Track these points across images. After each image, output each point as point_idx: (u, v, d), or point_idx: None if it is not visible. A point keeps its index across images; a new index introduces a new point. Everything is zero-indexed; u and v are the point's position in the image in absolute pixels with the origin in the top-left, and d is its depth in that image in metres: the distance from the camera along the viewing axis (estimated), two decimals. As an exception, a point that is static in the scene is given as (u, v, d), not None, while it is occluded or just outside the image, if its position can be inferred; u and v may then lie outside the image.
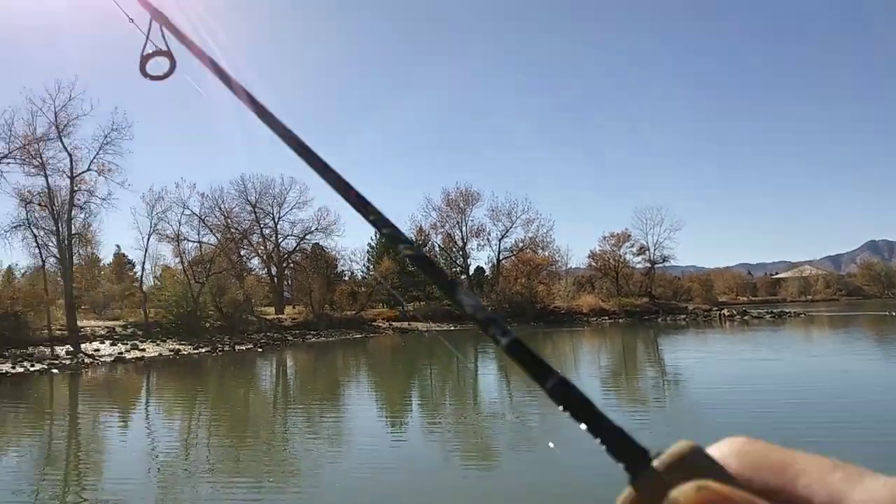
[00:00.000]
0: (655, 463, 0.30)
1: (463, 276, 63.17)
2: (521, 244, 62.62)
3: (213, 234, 49.78)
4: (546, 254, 62.83)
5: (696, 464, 0.30)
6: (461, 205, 61.79)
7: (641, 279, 65.12)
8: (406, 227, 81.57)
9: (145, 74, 0.94)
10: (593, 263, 66.81)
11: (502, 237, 62.60)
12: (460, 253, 62.68)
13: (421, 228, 63.41)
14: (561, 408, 0.33)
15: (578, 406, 0.32)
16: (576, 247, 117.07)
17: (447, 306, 58.73)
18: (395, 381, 23.39)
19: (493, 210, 62.58)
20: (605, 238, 65.99)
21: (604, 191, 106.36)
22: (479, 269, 66.80)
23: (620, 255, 65.11)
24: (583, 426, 0.32)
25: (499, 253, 62.49)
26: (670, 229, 67.29)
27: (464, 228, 62.06)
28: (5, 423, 16.25)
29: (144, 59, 0.92)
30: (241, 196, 54.96)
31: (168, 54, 0.92)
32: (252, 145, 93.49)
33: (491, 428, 14.08)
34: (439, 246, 63.77)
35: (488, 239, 62.76)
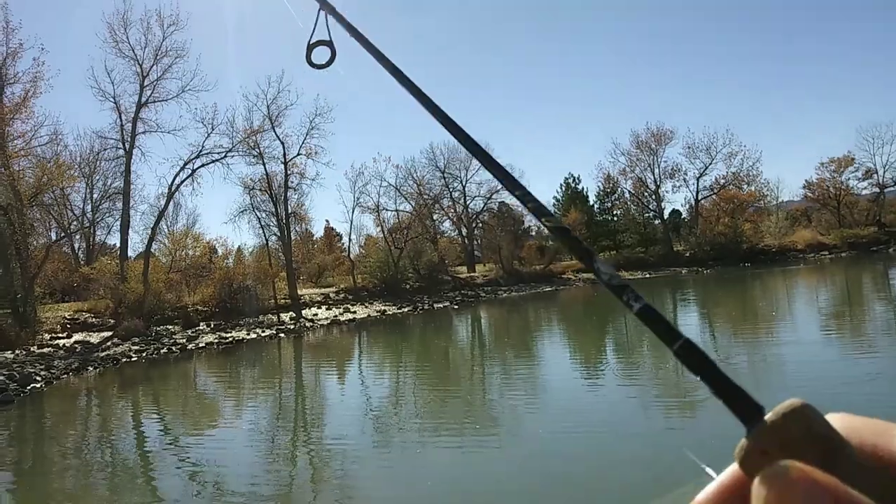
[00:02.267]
0: (768, 416, 0.32)
1: (657, 221, 60.11)
2: (722, 181, 57.87)
3: (408, 202, 52.43)
4: (752, 189, 57.43)
5: (807, 417, 0.31)
6: (653, 146, 58.41)
7: (868, 207, 57.17)
8: (592, 175, 79.00)
9: (310, 63, 1.01)
10: (809, 194, 59.91)
11: (700, 175, 58.33)
12: (653, 197, 59.54)
13: (609, 175, 61.22)
14: (686, 367, 0.35)
15: (702, 365, 0.35)
16: (788, 178, 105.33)
17: (641, 253, 56.56)
18: (589, 330, 23.10)
19: (689, 147, 58.48)
20: (823, 164, 58.59)
21: (818, 111, 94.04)
22: (675, 212, 63.09)
23: (842, 182, 57.56)
24: (704, 384, 0.34)
25: (697, 193, 58.38)
26: (904, 146, 57.86)
27: (656, 171, 58.73)
28: (245, 381, 18.74)
29: (310, 49, 0.99)
30: (431, 163, 57.09)
31: (330, 44, 0.97)
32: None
33: (689, 379, 13.31)
34: (630, 192, 61.09)
35: (685, 179, 58.77)
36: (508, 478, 7.67)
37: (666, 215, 60.36)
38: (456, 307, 36.31)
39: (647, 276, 48.01)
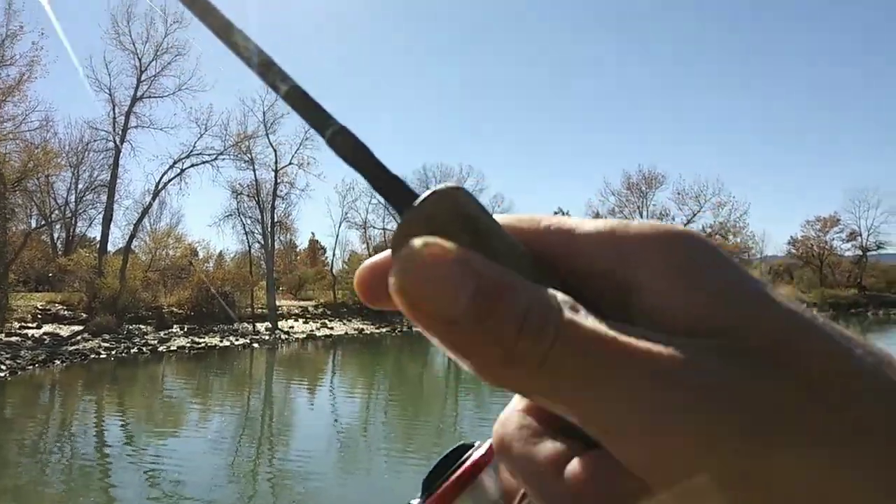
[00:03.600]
0: (418, 200, 0.29)
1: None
2: (709, 230, 58.57)
3: (396, 221, 52.45)
4: (738, 240, 58.12)
5: (455, 198, 0.28)
6: (643, 188, 59.02)
7: (850, 268, 58.05)
8: (581, 212, 79.85)
9: None
10: (793, 251, 60.70)
11: (688, 222, 58.91)
12: (638, 240, 60.28)
13: (597, 214, 61.76)
14: (340, 157, 0.30)
15: (356, 153, 0.30)
16: (774, 232, 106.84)
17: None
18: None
19: (678, 193, 59.02)
20: (809, 223, 59.44)
21: (808, 170, 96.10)
22: (660, 257, 63.87)
23: (826, 242, 58.46)
24: (360, 175, 0.30)
25: (683, 240, 59.13)
26: (888, 212, 58.93)
27: (645, 213, 59.31)
28: (213, 389, 18.42)
29: None
30: (423, 184, 57.22)
31: None
32: (429, 141, 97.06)
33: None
34: (617, 233, 61.79)
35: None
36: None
37: (650, 259, 60.99)
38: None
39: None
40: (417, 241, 0.25)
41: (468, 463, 0.41)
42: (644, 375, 0.23)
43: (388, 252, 0.30)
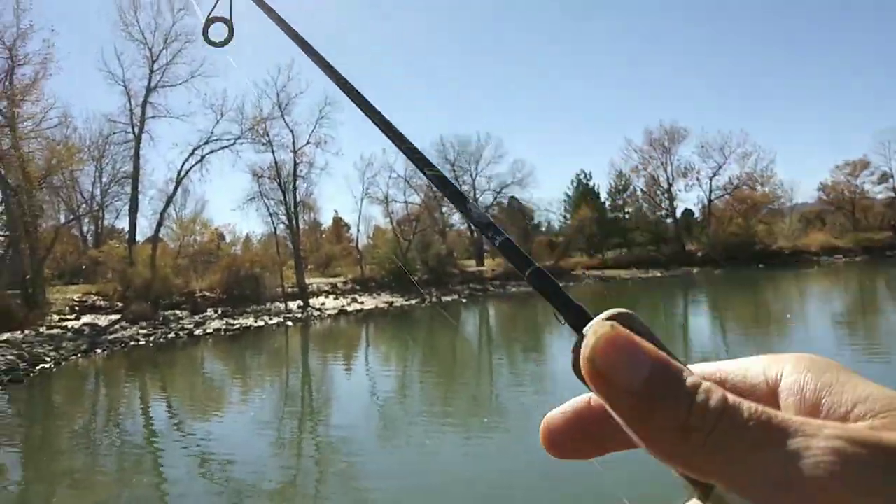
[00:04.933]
0: (595, 318, 0.35)
1: (669, 220, 59.77)
2: (735, 181, 57.36)
3: (418, 194, 52.33)
4: (766, 190, 56.91)
5: (632, 319, 0.34)
6: (666, 144, 57.88)
7: (883, 211, 56.58)
8: (604, 172, 78.81)
9: (207, 39, 0.95)
10: (824, 196, 59.34)
11: (714, 175, 57.76)
12: (665, 195, 59.13)
13: (621, 173, 60.85)
14: (535, 289, 0.40)
15: (547, 286, 0.40)
16: (802, 179, 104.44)
17: (652, 252, 56.24)
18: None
19: (702, 146, 57.72)
20: (838, 167, 57.92)
21: (836, 114, 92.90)
22: (688, 212, 62.63)
23: (857, 186, 56.98)
24: (549, 302, 0.38)
25: (710, 192, 57.83)
26: (920, 152, 57.08)
27: (669, 169, 58.26)
28: (251, 368, 18.71)
29: (208, 23, 0.93)
30: (441, 155, 56.90)
31: (229, 22, 0.94)
32: (448, 107, 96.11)
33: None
34: (642, 190, 60.64)
35: (697, 178, 58.14)
36: (515, 469, 7.57)
37: (678, 214, 59.98)
38: (464, 300, 36.23)
39: (658, 274, 47.78)
40: (608, 322, 0.32)
41: None
42: (810, 443, 0.27)
43: (572, 402, 0.38)
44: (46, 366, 17.37)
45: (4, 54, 28.77)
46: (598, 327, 0.32)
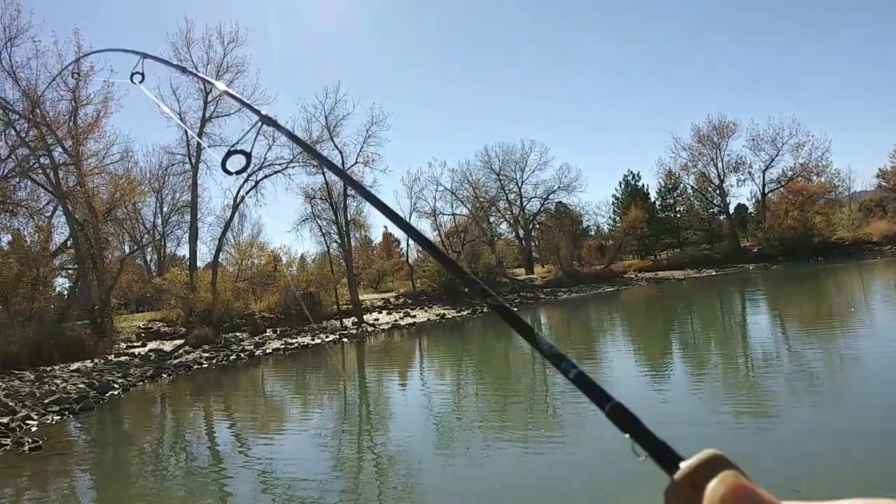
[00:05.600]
0: (683, 464, 0.35)
1: (722, 217, 58.26)
2: (790, 173, 55.57)
3: (465, 206, 52.59)
4: (822, 180, 54.94)
5: (720, 465, 0.34)
6: (715, 139, 56.57)
7: (951, 195, 53.93)
8: (652, 172, 77.37)
9: (224, 168, 1.03)
10: (884, 183, 56.95)
11: (766, 168, 56.15)
12: (717, 192, 57.70)
13: (670, 171, 59.69)
14: (616, 426, 0.40)
15: (630, 424, 0.39)
16: (860, 167, 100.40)
17: (706, 250, 54.88)
18: (653, 331, 22.54)
19: (753, 139, 56.21)
20: (896, 152, 55.60)
21: (893, 96, 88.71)
22: (741, 207, 60.95)
23: (920, 170, 54.46)
24: (632, 440, 0.39)
25: (763, 186, 56.22)
26: None
27: (720, 164, 56.86)
28: (311, 385, 19.10)
29: (228, 155, 1.02)
30: (486, 166, 57.11)
31: (248, 155, 1.04)
32: (491, 116, 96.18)
33: (763, 377, 12.84)
34: (692, 187, 59.37)
35: (750, 172, 56.63)
36: (575, 480, 7.53)
37: (731, 210, 58.42)
38: (515, 309, 35.90)
39: (713, 273, 46.60)
40: (732, 472, 0.33)
41: None
42: None
43: None
44: (115, 392, 18.14)
45: (68, 96, 30.36)
46: (726, 477, 0.32)
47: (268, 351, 25.95)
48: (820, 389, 10.96)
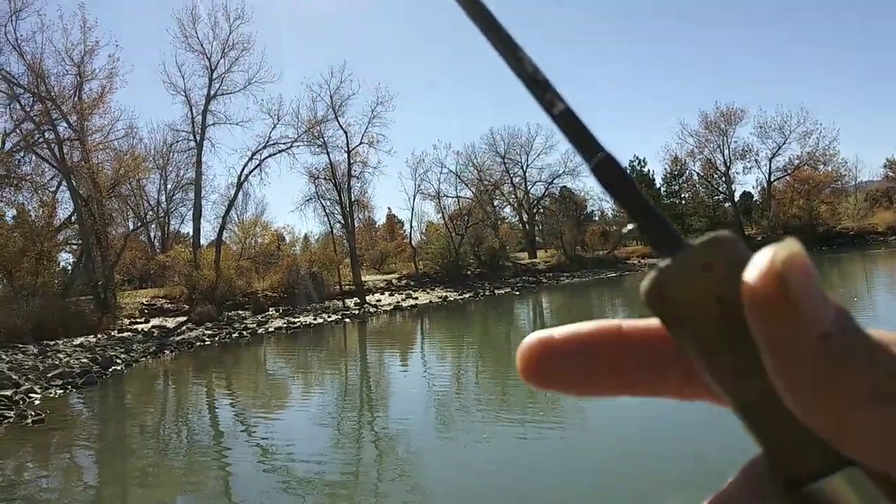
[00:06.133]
0: (696, 242, 0.27)
1: (727, 204, 58.02)
2: (797, 161, 55.17)
3: (469, 189, 52.43)
4: (829, 169, 54.56)
5: (736, 245, 0.27)
6: (722, 126, 56.08)
7: (958, 186, 53.58)
8: (658, 158, 76.92)
9: None
10: (891, 173, 56.63)
11: (773, 156, 55.69)
12: (723, 179, 57.38)
13: (676, 158, 59.36)
14: (603, 188, 0.30)
15: (621, 186, 0.29)
16: (867, 156, 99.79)
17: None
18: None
19: (761, 126, 55.66)
20: (904, 140, 55.15)
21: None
22: (747, 195, 60.69)
23: (927, 160, 54.10)
24: (623, 209, 0.29)
25: (769, 174, 55.80)
26: None
27: (726, 151, 56.45)
28: (313, 364, 19.20)
29: None
30: (491, 149, 56.82)
31: None
32: (498, 97, 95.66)
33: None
34: (698, 174, 59.05)
35: (756, 160, 56.17)
36: (573, 463, 7.59)
37: (737, 198, 58.17)
38: (517, 293, 36.13)
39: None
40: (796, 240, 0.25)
41: None
42: None
43: (561, 329, 0.30)
44: (118, 368, 18.25)
45: (73, 71, 30.26)
46: (790, 243, 0.24)
47: (270, 329, 26.07)
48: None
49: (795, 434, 0.25)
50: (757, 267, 0.24)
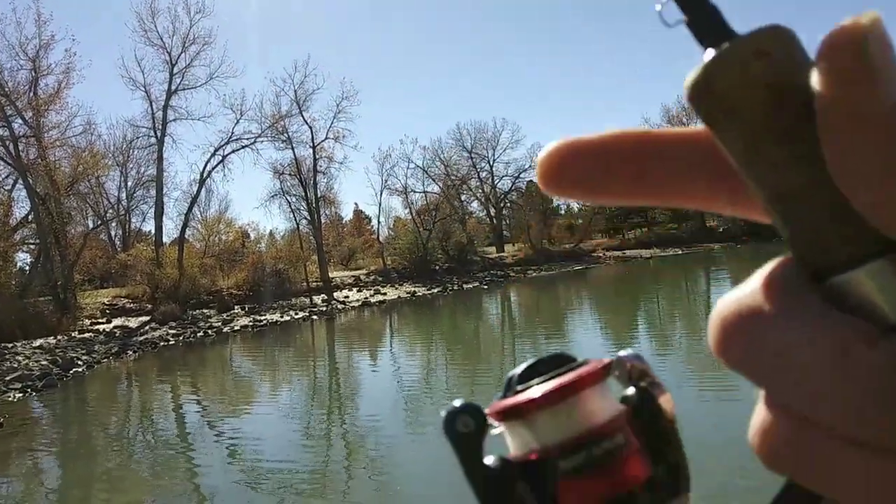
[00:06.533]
0: (750, 31, 0.24)
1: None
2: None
3: (436, 184, 52.42)
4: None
5: (792, 35, 0.24)
6: (684, 120, 57.07)
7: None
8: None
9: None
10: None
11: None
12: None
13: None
14: None
15: None
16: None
17: (673, 230, 55.76)
18: (620, 308, 22.90)
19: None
20: None
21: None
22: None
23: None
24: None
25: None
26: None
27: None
28: (280, 362, 19.03)
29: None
30: (458, 144, 56.85)
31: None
32: (463, 95, 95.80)
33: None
34: (660, 168, 60.32)
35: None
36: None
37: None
38: (485, 287, 36.30)
39: (679, 252, 47.41)
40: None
41: (573, 374, 0.34)
42: None
43: (583, 136, 0.28)
44: (79, 370, 17.85)
45: (28, 66, 29.37)
46: (872, 13, 0.22)
47: (236, 328, 25.76)
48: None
49: (831, 224, 0.24)
50: (840, 29, 0.22)
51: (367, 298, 33.08)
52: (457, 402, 0.34)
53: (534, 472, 0.33)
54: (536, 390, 0.33)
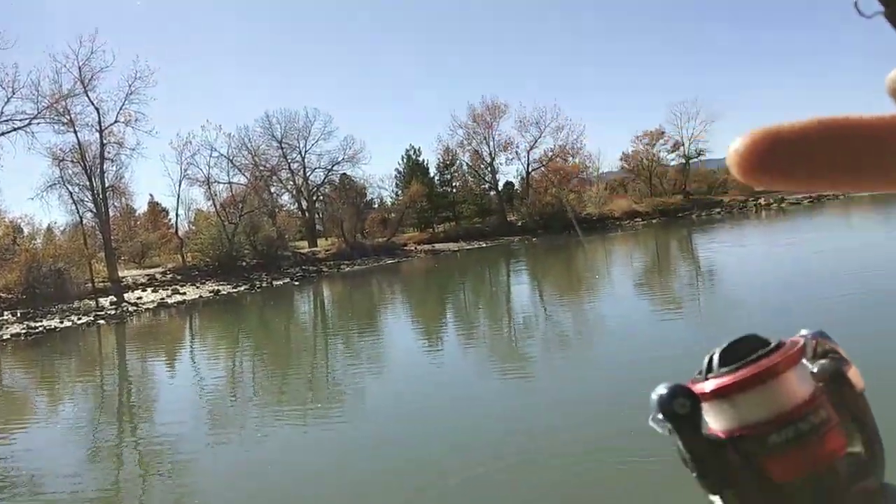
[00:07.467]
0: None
1: (492, 193, 62.69)
2: (550, 153, 61.42)
3: (243, 174, 50.03)
4: (576, 161, 61.61)
5: None
6: (488, 119, 60.33)
7: (675, 176, 63.77)
8: (432, 148, 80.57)
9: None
10: (626, 165, 65.45)
11: (531, 148, 61.27)
12: (488, 169, 61.81)
13: (448, 148, 62.45)
14: None
15: None
16: (608, 150, 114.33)
17: (478, 224, 58.79)
18: (430, 301, 23.71)
19: (520, 121, 60.88)
20: (637, 137, 64.22)
21: (637, 89, 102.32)
22: (509, 184, 66.02)
23: (654, 154, 63.56)
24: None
25: (528, 165, 61.42)
26: (706, 121, 64.60)
27: (491, 143, 60.84)
28: (60, 375, 17.05)
29: None
30: (267, 133, 54.71)
31: None
32: (272, 83, 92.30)
33: (525, 339, 14.26)
34: (467, 164, 62.92)
35: (517, 152, 61.55)
36: (353, 454, 7.73)
37: (500, 187, 63.03)
38: (297, 283, 35.52)
39: (483, 245, 50.11)
40: None
41: (777, 356, 0.38)
42: None
43: (787, 123, 0.28)
44: None
45: None
46: None
47: (5, 337, 22.70)
48: (570, 352, 12.48)
49: None
50: None
51: (163, 299, 30.72)
52: (664, 387, 0.38)
53: (744, 446, 0.37)
54: (743, 372, 0.37)
